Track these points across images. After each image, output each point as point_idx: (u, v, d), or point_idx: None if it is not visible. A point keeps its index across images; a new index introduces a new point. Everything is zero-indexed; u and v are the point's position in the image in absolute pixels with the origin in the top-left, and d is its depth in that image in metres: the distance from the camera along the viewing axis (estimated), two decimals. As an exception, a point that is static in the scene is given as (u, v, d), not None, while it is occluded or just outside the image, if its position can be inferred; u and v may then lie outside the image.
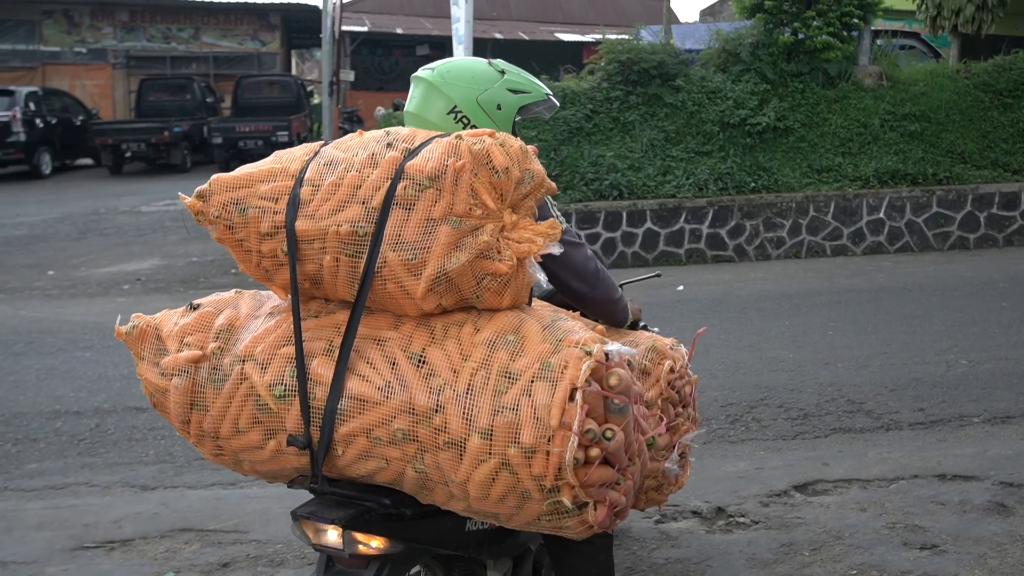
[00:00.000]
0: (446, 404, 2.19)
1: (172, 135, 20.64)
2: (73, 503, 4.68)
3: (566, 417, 2.10)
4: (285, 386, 2.31)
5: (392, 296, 2.28)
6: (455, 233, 2.20)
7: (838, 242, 11.16)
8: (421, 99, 2.77)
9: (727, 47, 12.23)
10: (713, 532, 4.16)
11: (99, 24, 26.72)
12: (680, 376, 3.07)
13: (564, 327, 2.28)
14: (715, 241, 10.99)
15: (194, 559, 4.03)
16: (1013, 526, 4.10)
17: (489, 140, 2.25)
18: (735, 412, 5.66)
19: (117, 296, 9.57)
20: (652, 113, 11.63)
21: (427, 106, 2.74)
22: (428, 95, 2.75)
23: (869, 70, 12.27)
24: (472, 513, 2.33)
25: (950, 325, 7.47)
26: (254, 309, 2.54)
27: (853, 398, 5.84)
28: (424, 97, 2.76)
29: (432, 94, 2.74)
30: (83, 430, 5.63)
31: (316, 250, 2.31)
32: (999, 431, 5.30)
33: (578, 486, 2.14)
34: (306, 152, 2.44)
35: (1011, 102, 12.11)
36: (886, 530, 4.10)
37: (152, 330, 2.52)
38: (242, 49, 28.16)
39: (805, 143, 11.67)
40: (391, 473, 2.30)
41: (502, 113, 2.74)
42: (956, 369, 6.34)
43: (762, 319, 7.91)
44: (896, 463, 4.86)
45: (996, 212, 11.39)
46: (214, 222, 2.40)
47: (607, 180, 10.88)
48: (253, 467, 2.50)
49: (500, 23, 28.14)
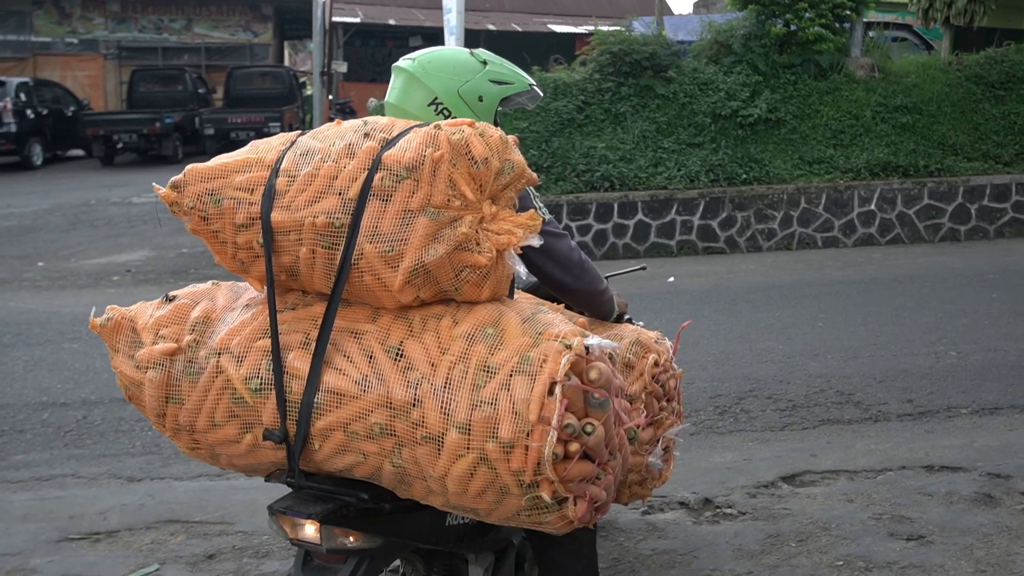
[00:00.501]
0: (424, 398, 2.15)
1: (164, 126, 20.58)
2: (59, 494, 4.66)
3: (545, 411, 2.07)
4: (261, 379, 2.28)
5: (369, 288, 2.25)
6: (433, 224, 2.17)
7: (829, 234, 11.16)
8: (401, 90, 2.74)
9: (719, 38, 12.21)
10: (700, 523, 4.16)
11: (90, 15, 26.63)
12: (664, 370, 3.06)
13: (544, 320, 2.25)
14: (706, 233, 10.98)
15: (180, 551, 4.02)
16: (1000, 517, 4.09)
17: (468, 130, 2.22)
18: (724, 403, 5.65)
19: (107, 287, 9.54)
20: (644, 104, 11.60)
21: (407, 97, 2.71)
22: (408, 86, 2.72)
23: (861, 62, 12.26)
24: (451, 508, 2.30)
25: (940, 317, 7.47)
26: (231, 301, 2.51)
27: (842, 389, 5.84)
28: (404, 88, 2.73)
29: (412, 85, 2.71)
30: (70, 421, 5.61)
31: (292, 242, 2.27)
32: (987, 422, 5.30)
33: (557, 481, 2.11)
34: (282, 142, 2.40)
35: (1003, 94, 12.12)
36: (873, 521, 4.09)
37: (127, 322, 2.47)
38: (234, 40, 28.09)
39: (797, 135, 11.66)
40: (369, 467, 2.27)
41: (484, 104, 2.70)
42: (945, 360, 6.34)
43: (752, 311, 7.90)
44: (884, 454, 4.85)
45: (987, 204, 11.40)
46: (188, 213, 2.36)
47: (598, 171, 10.86)
48: (230, 461, 2.47)
49: (493, 14, 28.04)
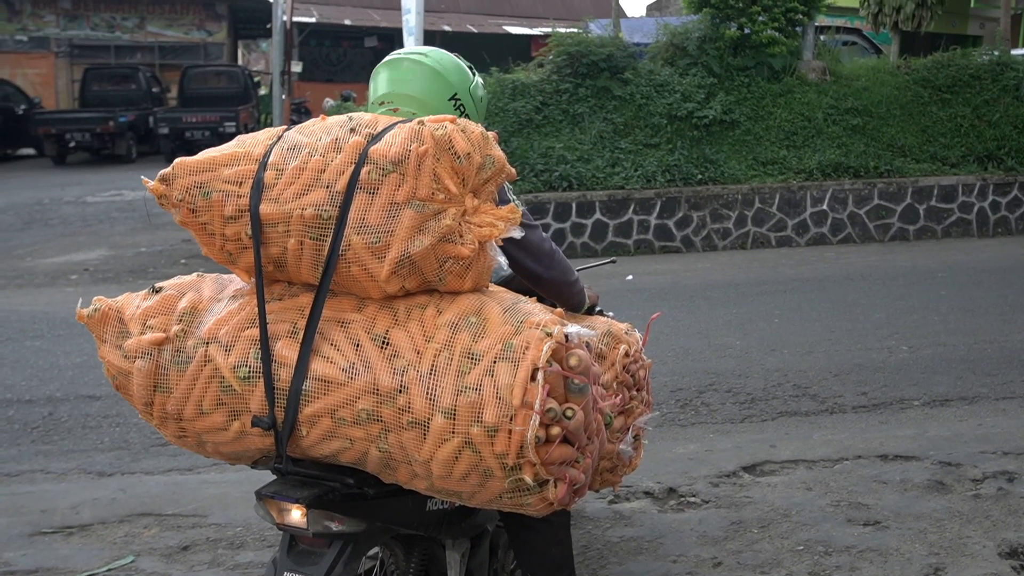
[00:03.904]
0: (410, 384, 2.22)
1: (117, 125, 20.38)
2: (29, 490, 4.66)
3: (528, 396, 2.14)
4: (249, 368, 2.33)
5: (356, 279, 2.31)
6: (418, 217, 2.24)
7: (783, 233, 11.37)
8: (424, 82, 2.80)
9: (675, 41, 12.39)
10: (665, 511, 4.27)
11: (41, 12, 26.21)
12: (634, 360, 3.14)
13: (524, 309, 2.33)
14: (663, 232, 11.14)
15: (154, 543, 4.05)
16: (951, 503, 4.26)
17: (451, 126, 2.29)
18: (685, 397, 5.78)
19: (65, 286, 9.46)
20: (601, 105, 11.73)
21: (430, 89, 2.79)
22: (432, 79, 2.80)
23: (813, 65, 12.50)
24: (435, 492, 2.36)
25: (891, 313, 7.68)
26: (217, 292, 2.55)
27: (799, 383, 6.00)
28: (427, 80, 2.80)
29: (435, 79, 2.80)
30: (36, 418, 5.59)
31: (280, 233, 2.33)
32: (938, 413, 5.49)
33: (539, 464, 2.18)
34: (269, 136, 2.45)
35: (949, 97, 12.42)
36: (831, 508, 4.24)
37: (114, 313, 2.50)
38: (188, 39, 27.82)
39: (751, 136, 11.86)
40: (355, 453, 2.33)
41: (482, 105, 2.88)
42: (897, 355, 6.53)
43: (710, 307, 8.06)
44: (840, 444, 5.01)
45: (935, 204, 11.69)
46: (177, 205, 2.41)
47: (557, 171, 10.97)
48: (216, 448, 2.51)
49: (448, 15, 28.08)
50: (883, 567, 3.71)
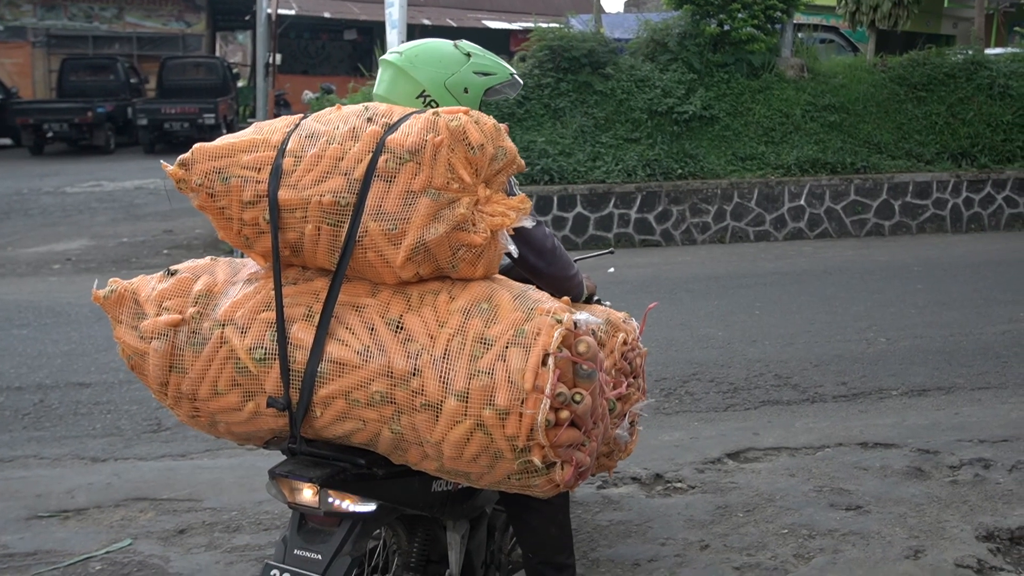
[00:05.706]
0: (423, 368, 2.28)
1: (95, 116, 20.21)
2: (23, 475, 4.70)
3: (539, 381, 2.21)
4: (265, 350, 2.39)
5: (372, 264, 2.37)
6: (434, 205, 2.30)
7: (761, 228, 11.51)
8: (390, 83, 2.84)
9: (655, 37, 12.49)
10: (652, 496, 4.38)
11: (18, 1, 25.94)
12: (631, 348, 3.22)
13: (534, 296, 2.40)
14: (643, 226, 11.25)
15: (150, 526, 4.10)
16: (930, 488, 4.40)
17: (465, 118, 2.36)
18: (669, 386, 5.89)
19: (48, 275, 9.45)
20: (582, 100, 11.82)
21: (395, 90, 2.82)
22: (396, 79, 2.82)
23: (791, 62, 12.65)
24: (444, 473, 2.43)
25: (869, 306, 7.83)
26: (231, 275, 2.61)
27: (780, 373, 6.13)
28: (392, 81, 2.84)
29: (400, 78, 2.81)
30: (27, 405, 5.62)
31: (298, 219, 2.39)
32: (916, 403, 5.63)
33: (548, 446, 2.25)
34: (286, 124, 2.51)
35: (924, 95, 12.60)
36: (814, 493, 4.36)
37: (130, 294, 2.55)
38: (167, 30, 27.61)
39: (730, 132, 11.98)
40: (367, 434, 2.39)
41: (469, 96, 2.82)
42: (875, 346, 6.68)
43: (692, 299, 8.18)
44: (821, 432, 5.14)
45: (910, 200, 11.87)
46: (196, 190, 2.47)
47: (538, 165, 11.05)
48: (229, 428, 2.56)
49: (428, 9, 28.07)
50: (865, 550, 3.83)
